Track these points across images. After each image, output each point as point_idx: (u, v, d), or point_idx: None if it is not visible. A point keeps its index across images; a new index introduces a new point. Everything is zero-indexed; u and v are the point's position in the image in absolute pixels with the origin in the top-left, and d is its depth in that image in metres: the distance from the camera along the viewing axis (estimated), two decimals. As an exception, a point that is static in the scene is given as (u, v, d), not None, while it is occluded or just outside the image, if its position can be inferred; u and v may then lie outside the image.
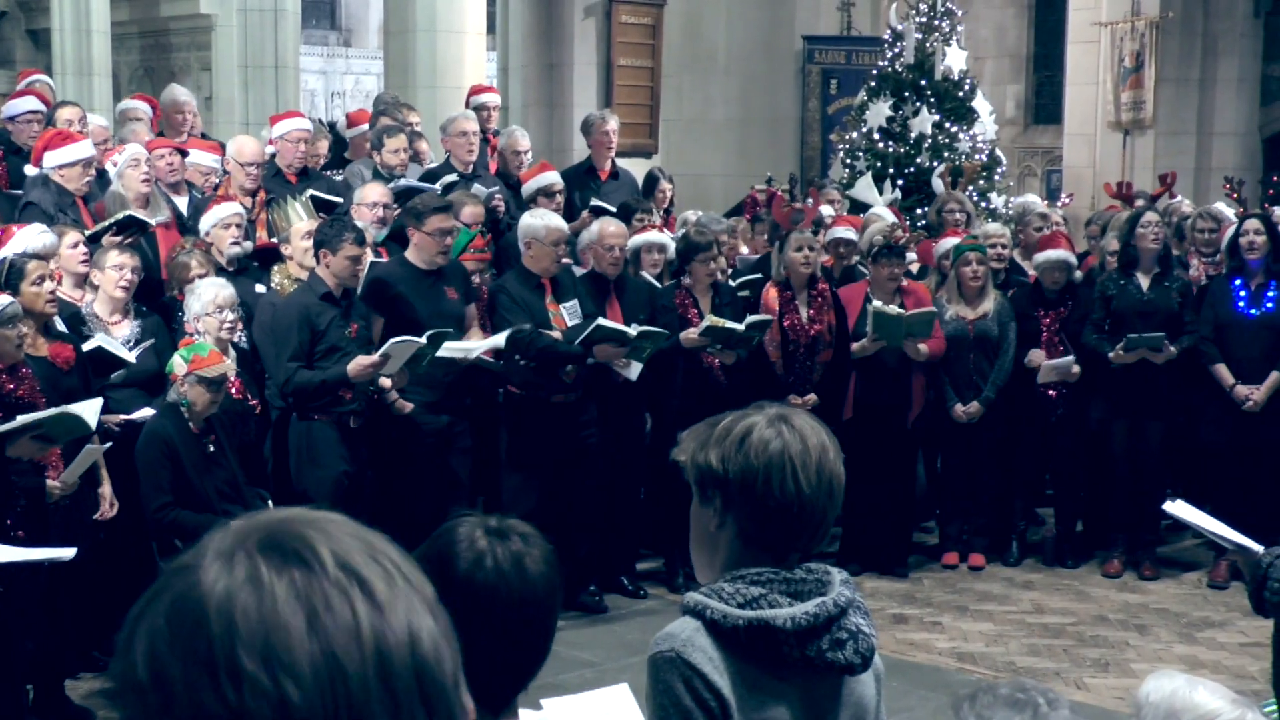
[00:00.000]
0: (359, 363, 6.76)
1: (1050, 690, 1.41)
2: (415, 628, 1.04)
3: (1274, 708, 2.82)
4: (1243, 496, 8.10)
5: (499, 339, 7.28)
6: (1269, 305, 8.35)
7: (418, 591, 1.06)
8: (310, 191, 8.03)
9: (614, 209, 8.96)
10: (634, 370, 7.84)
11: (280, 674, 0.99)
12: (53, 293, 6.02)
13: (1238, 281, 8.47)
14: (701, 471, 2.55)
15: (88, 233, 7.07)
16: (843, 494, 2.59)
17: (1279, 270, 8.38)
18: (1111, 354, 8.39)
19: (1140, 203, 10.54)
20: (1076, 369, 8.56)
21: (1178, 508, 4.12)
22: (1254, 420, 8.35)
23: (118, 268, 6.59)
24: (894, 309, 8.32)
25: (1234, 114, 15.72)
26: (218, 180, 8.64)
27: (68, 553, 5.45)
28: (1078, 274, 8.98)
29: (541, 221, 7.80)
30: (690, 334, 7.99)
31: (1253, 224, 8.49)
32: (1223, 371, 8.40)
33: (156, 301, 7.14)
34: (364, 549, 1.06)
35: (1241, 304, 8.41)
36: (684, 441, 2.60)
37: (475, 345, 7.31)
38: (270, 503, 6.54)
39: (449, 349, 7.05)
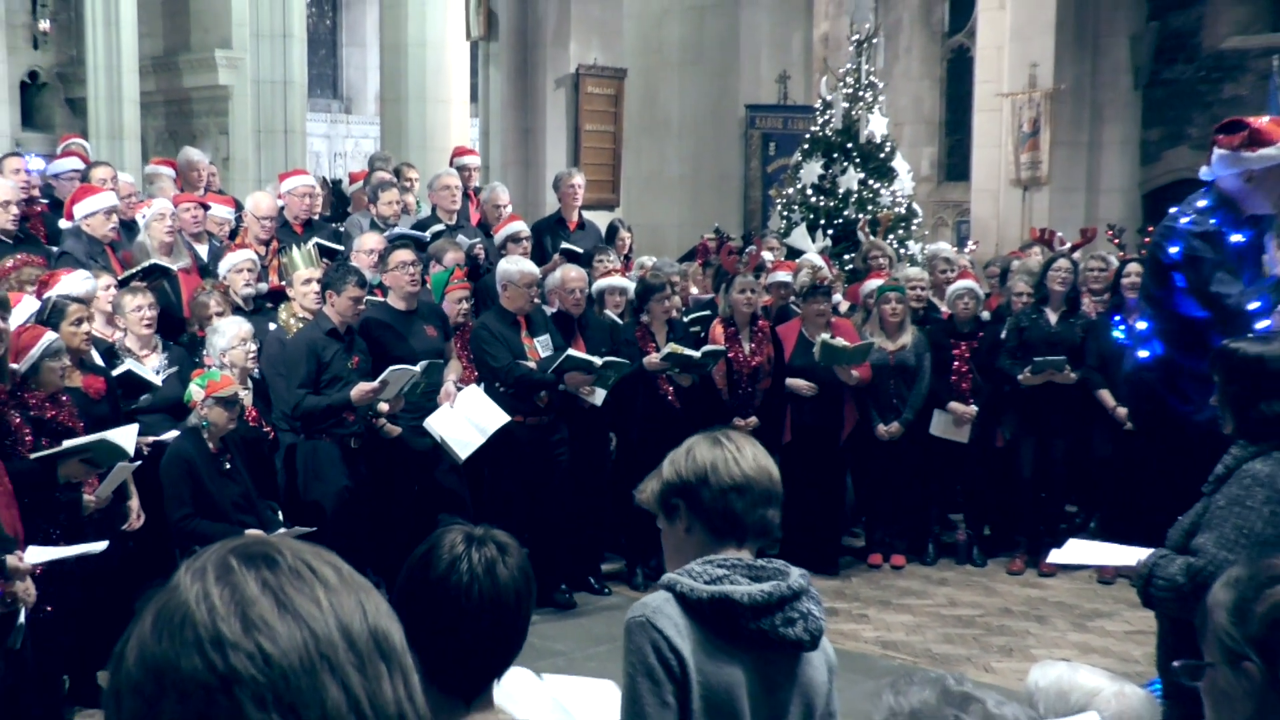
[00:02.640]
0: (361, 388, 6.77)
1: (963, 676, 1.43)
2: (365, 604, 1.08)
3: (1158, 687, 2.85)
4: (1129, 501, 8.13)
5: (414, 369, 7.25)
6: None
7: (362, 585, 1.10)
8: (315, 240, 8.04)
9: (583, 251, 9.06)
10: (599, 396, 7.87)
11: (259, 636, 1.01)
12: (88, 332, 6.00)
13: (1117, 317, 8.56)
14: (663, 490, 2.63)
15: (118, 278, 7.06)
16: (780, 482, 2.68)
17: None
18: (1021, 376, 8.47)
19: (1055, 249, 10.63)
20: (964, 434, 8.67)
21: (1067, 554, 4.14)
22: (1136, 437, 8.39)
23: (137, 309, 6.59)
24: (840, 341, 8.40)
25: (1118, 173, 15.88)
26: (232, 229, 8.63)
27: (99, 546, 5.44)
28: (985, 313, 9.06)
29: (516, 267, 7.88)
30: (654, 358, 8.06)
31: (1134, 267, 8.59)
32: (1105, 396, 8.46)
33: (178, 338, 7.12)
34: (315, 554, 1.09)
35: (1121, 336, 8.50)
36: (644, 488, 2.71)
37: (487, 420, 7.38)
38: (280, 514, 6.53)
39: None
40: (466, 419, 7.34)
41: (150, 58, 16.66)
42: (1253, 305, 5.19)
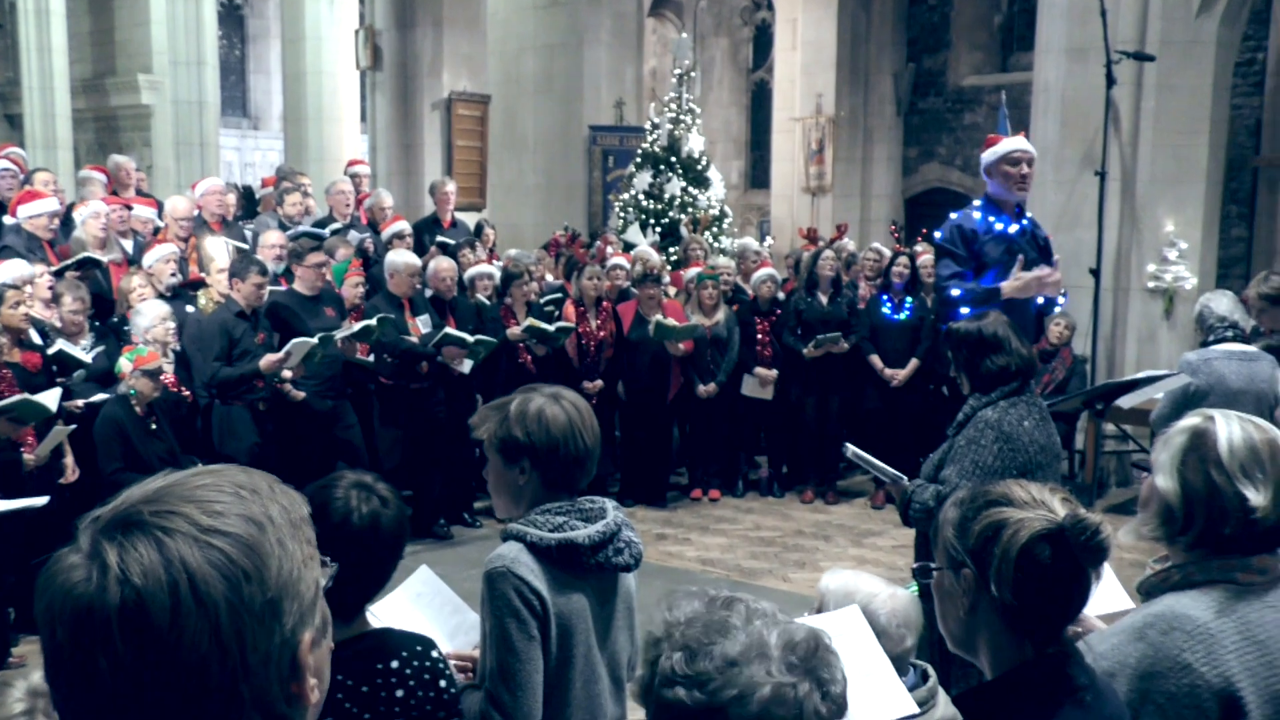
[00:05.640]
0: (268, 359, 6.60)
1: (721, 585, 1.43)
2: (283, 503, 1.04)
3: (915, 588, 2.95)
4: (892, 442, 8.38)
5: (370, 321, 7.16)
6: (908, 313, 8.67)
7: (276, 500, 1.04)
8: (224, 239, 7.81)
9: (455, 243, 8.97)
10: (467, 366, 7.80)
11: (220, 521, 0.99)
12: (25, 314, 5.72)
13: (885, 296, 8.78)
14: (508, 443, 2.54)
15: (54, 268, 6.75)
16: (601, 442, 2.63)
17: (916, 289, 8.70)
18: (805, 350, 8.61)
19: (820, 243, 10.83)
20: (769, 393, 8.77)
21: (853, 451, 4.23)
22: (898, 393, 8.65)
23: (72, 301, 6.32)
24: (671, 321, 8.45)
25: (885, 182, 16.26)
26: (155, 228, 8.31)
27: (40, 500, 5.22)
28: (781, 294, 9.21)
29: (401, 259, 7.77)
30: (515, 330, 8.03)
31: (902, 259, 8.81)
32: (876, 360, 8.65)
33: (109, 319, 6.84)
34: (233, 493, 1.03)
35: (888, 311, 8.72)
36: (480, 422, 2.58)
37: (351, 328, 7.18)
38: (200, 465, 6.32)
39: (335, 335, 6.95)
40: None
41: (80, 80, 15.86)
42: (955, 292, 5.33)
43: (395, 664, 2.31)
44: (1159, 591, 2.12)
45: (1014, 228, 5.47)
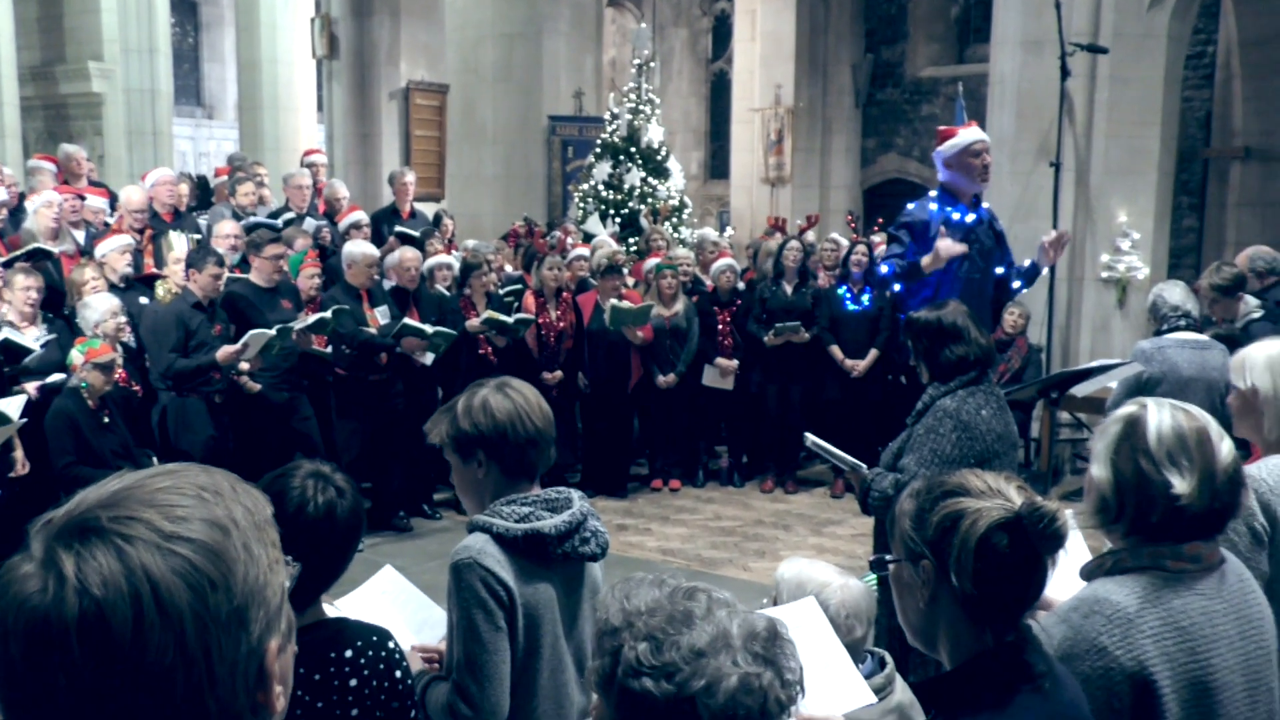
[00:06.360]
0: (225, 350, 6.53)
1: (676, 571, 1.43)
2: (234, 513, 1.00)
3: (873, 578, 2.96)
4: (853, 432, 8.42)
5: (325, 314, 7.09)
6: (867, 304, 8.72)
7: (239, 502, 1.01)
8: (174, 233, 7.72)
9: (417, 234, 8.90)
10: (429, 358, 7.74)
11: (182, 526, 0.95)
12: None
13: (844, 287, 8.82)
14: (460, 439, 2.54)
15: (3, 259, 6.63)
16: (554, 425, 2.62)
17: (874, 280, 8.75)
18: (766, 338, 8.64)
19: (787, 233, 10.86)
20: (729, 383, 8.78)
21: (812, 441, 4.25)
22: (859, 383, 8.70)
23: (25, 289, 6.18)
24: (626, 304, 8.44)
25: (844, 173, 16.34)
26: (107, 219, 8.19)
27: None
28: (741, 284, 9.23)
29: (359, 249, 7.69)
30: (474, 321, 7.97)
31: (860, 249, 8.85)
32: (836, 351, 8.69)
33: (60, 312, 6.72)
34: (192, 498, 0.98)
35: (848, 302, 8.76)
36: (433, 427, 2.58)
37: (305, 320, 7.11)
38: (155, 460, 6.25)
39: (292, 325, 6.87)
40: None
41: (28, 67, 15.54)
42: (883, 269, 5.59)
43: (349, 653, 2.30)
44: (1096, 576, 2.17)
45: (970, 217, 5.53)
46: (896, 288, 5.60)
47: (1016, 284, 5.71)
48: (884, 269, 5.51)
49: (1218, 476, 2.10)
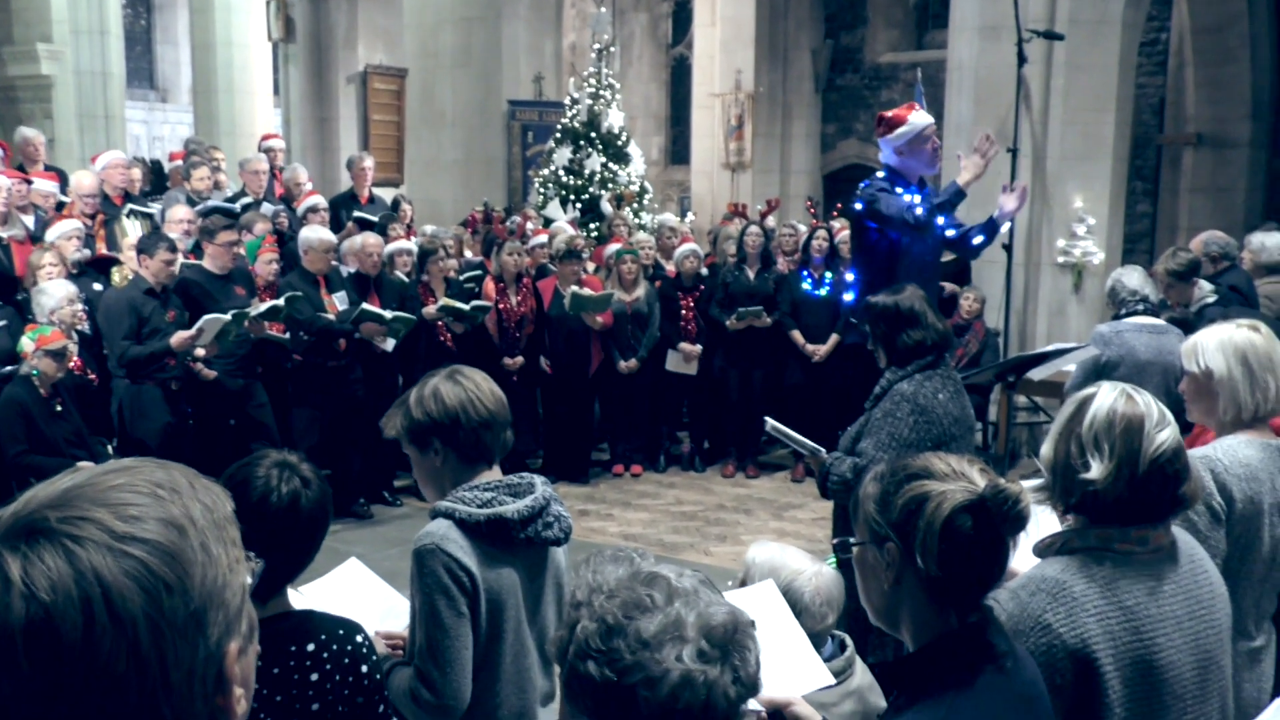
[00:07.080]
0: (179, 336, 6.43)
1: (645, 552, 1.42)
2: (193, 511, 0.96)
3: (833, 561, 2.97)
4: (815, 417, 8.45)
5: (278, 301, 7.01)
6: (828, 288, 8.75)
7: (197, 500, 0.97)
8: (130, 206, 7.58)
9: (376, 219, 8.81)
10: (390, 344, 7.68)
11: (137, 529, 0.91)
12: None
13: (805, 272, 8.84)
14: (414, 429, 2.54)
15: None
16: (509, 408, 2.62)
17: (834, 264, 8.78)
18: (728, 322, 8.65)
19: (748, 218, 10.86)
20: (693, 368, 8.78)
21: (772, 425, 4.25)
22: (820, 367, 8.72)
23: None
24: (587, 291, 8.41)
25: (804, 158, 16.39)
26: (58, 202, 8.03)
27: None
28: (704, 269, 9.22)
29: (316, 235, 7.61)
30: (430, 309, 7.92)
31: (821, 234, 8.88)
32: (797, 336, 8.72)
33: (11, 298, 6.59)
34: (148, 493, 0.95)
35: (809, 287, 8.78)
36: (388, 422, 2.59)
37: (259, 307, 7.02)
38: (110, 448, 6.16)
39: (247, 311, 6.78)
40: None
41: (-26, 49, 15.23)
42: (936, 217, 5.45)
43: (311, 647, 2.26)
44: (1047, 555, 2.21)
45: (917, 197, 5.57)
46: (950, 234, 5.54)
47: (978, 239, 5.64)
48: (925, 215, 5.35)
49: (1140, 465, 2.12)
